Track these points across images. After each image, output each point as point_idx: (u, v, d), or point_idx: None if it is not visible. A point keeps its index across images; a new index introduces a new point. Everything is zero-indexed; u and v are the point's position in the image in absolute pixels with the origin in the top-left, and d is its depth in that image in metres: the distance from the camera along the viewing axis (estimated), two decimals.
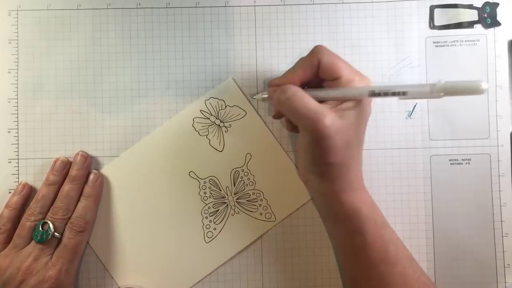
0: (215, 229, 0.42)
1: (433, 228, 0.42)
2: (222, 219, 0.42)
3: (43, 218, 0.40)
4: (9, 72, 0.43)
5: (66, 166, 0.42)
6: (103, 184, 0.42)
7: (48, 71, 0.43)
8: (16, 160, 0.42)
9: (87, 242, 0.42)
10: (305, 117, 0.34)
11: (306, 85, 0.38)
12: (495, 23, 0.43)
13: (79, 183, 0.41)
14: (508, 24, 0.43)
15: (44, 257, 0.39)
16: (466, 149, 0.43)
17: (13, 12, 0.43)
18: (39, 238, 0.39)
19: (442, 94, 0.32)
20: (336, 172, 0.35)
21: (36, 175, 0.42)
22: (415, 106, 0.43)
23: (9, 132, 0.42)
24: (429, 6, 0.43)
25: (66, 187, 0.41)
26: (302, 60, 0.37)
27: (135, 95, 0.43)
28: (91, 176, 0.42)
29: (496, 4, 0.43)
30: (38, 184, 0.42)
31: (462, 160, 0.43)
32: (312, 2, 0.43)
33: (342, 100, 0.36)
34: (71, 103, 0.43)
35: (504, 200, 0.42)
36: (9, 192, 0.42)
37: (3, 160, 0.42)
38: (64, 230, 0.40)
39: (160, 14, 0.43)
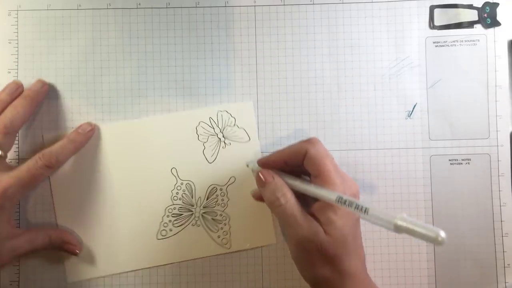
0: (171, 230, 0.42)
1: None
2: (182, 224, 0.42)
3: None
4: (9, 72, 0.43)
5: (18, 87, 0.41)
6: (90, 138, 0.41)
7: (48, 71, 0.43)
8: (17, 160, 0.42)
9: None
10: (296, 230, 0.34)
11: (287, 170, 0.37)
12: (495, 23, 0.43)
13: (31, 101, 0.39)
14: (508, 24, 0.43)
15: None
16: (466, 149, 0.43)
17: (13, 12, 0.43)
18: None
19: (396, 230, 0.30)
20: (323, 283, 0.35)
21: None
22: (415, 106, 0.43)
23: None
24: (429, 6, 0.43)
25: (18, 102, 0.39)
26: (292, 145, 0.37)
27: (135, 95, 0.43)
28: (85, 124, 0.41)
29: (496, 4, 0.43)
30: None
31: (462, 160, 0.43)
32: (312, 2, 0.43)
33: (314, 196, 0.35)
34: (71, 103, 0.43)
35: (504, 200, 0.42)
36: None
37: None
38: (9, 148, 0.39)
39: (160, 14, 0.43)
